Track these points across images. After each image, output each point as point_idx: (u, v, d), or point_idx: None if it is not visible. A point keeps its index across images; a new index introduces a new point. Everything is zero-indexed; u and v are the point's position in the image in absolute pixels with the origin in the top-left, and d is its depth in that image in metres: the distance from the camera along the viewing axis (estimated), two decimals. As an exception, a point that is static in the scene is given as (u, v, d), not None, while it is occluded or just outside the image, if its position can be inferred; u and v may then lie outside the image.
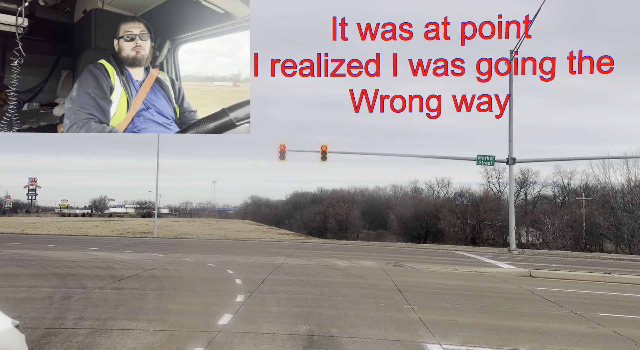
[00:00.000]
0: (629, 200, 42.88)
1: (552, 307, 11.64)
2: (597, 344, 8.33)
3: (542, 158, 47.35)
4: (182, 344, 7.15)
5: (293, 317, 9.13)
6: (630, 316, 10.98)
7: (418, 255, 25.14)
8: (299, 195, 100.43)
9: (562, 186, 59.24)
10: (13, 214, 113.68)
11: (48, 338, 7.22)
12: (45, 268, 14.79)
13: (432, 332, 8.46)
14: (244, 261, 17.90)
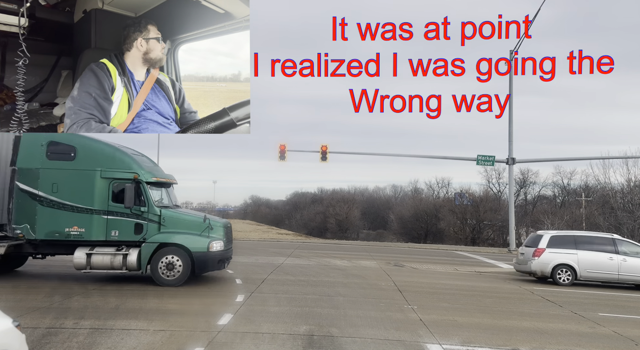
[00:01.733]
0: (629, 201, 42.85)
1: (552, 307, 11.65)
2: (597, 344, 8.33)
3: (542, 158, 47.36)
4: (182, 344, 7.16)
5: (293, 317, 9.14)
6: (630, 316, 10.99)
7: (418, 255, 25.15)
8: (299, 196, 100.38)
9: (562, 186, 59.26)
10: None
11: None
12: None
13: (432, 332, 8.47)
14: (244, 261, 17.91)
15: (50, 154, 11.81)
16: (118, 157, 12.26)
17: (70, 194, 11.73)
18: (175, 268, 11.72)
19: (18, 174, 11.80)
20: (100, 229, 11.77)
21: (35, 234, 11.74)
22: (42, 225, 11.72)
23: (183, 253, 11.76)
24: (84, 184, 11.80)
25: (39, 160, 11.80)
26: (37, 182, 11.72)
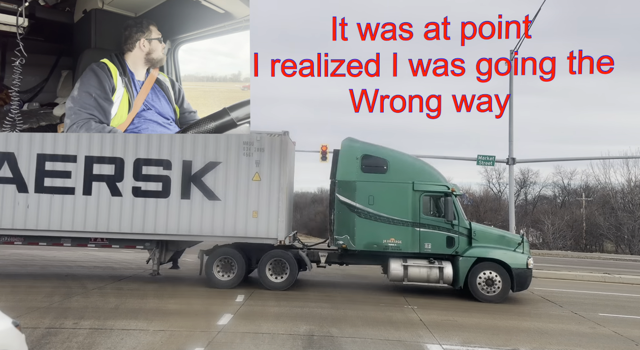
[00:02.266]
0: (629, 201, 42.86)
1: (552, 307, 11.65)
2: (597, 344, 8.33)
3: (542, 158, 47.21)
4: (182, 344, 7.16)
5: (293, 317, 9.14)
6: (630, 316, 10.99)
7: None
8: (299, 196, 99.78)
9: (562, 186, 59.17)
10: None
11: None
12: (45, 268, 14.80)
13: (432, 332, 8.46)
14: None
15: (365, 167, 12.05)
16: (426, 170, 12.45)
17: (386, 206, 11.88)
18: (495, 284, 11.61)
19: (338, 186, 12.07)
20: (414, 242, 11.83)
21: (355, 244, 11.90)
22: (360, 236, 11.89)
23: (501, 269, 11.63)
24: (397, 196, 11.94)
25: (355, 173, 12.04)
26: (354, 194, 11.94)
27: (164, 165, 11.74)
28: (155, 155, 11.73)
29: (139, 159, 11.70)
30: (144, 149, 11.68)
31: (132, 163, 11.68)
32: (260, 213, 11.77)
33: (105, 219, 11.66)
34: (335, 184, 12.17)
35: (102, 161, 11.66)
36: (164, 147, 11.73)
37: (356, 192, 11.96)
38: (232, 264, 12.02)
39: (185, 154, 11.78)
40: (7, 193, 11.63)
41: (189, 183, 11.74)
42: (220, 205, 11.76)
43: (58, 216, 11.61)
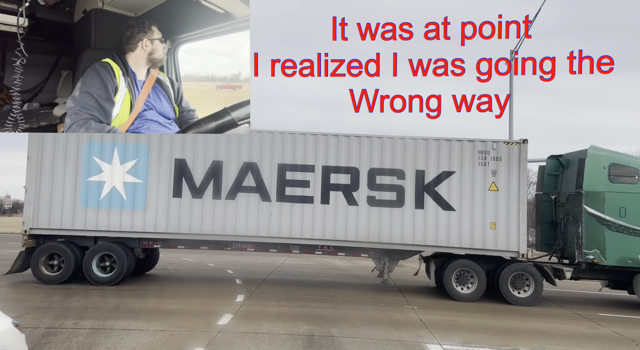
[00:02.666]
0: (629, 201, 42.80)
1: (552, 307, 11.65)
2: (597, 344, 8.34)
3: (543, 158, 47.20)
4: (182, 344, 7.16)
5: (293, 317, 9.14)
6: (630, 316, 10.99)
7: (418, 255, 25.09)
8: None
9: (562, 186, 59.16)
10: (13, 213, 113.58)
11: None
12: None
13: (432, 332, 8.47)
14: (244, 261, 17.91)
15: (613, 177, 11.51)
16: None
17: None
18: None
19: (585, 197, 11.53)
20: None
21: (607, 259, 11.36)
22: (612, 251, 11.32)
23: None
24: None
25: (603, 183, 11.50)
26: (603, 205, 11.41)
27: (397, 175, 11.85)
28: (389, 165, 11.88)
29: (373, 168, 11.89)
30: (377, 159, 11.91)
31: (367, 173, 11.88)
32: (499, 225, 11.60)
33: (342, 227, 11.81)
34: (582, 194, 11.55)
35: (338, 171, 11.94)
36: (397, 157, 11.86)
37: (605, 204, 11.38)
38: (469, 277, 11.82)
39: (418, 164, 11.84)
40: (252, 202, 11.89)
41: (423, 193, 11.75)
42: (456, 216, 11.68)
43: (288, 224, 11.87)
